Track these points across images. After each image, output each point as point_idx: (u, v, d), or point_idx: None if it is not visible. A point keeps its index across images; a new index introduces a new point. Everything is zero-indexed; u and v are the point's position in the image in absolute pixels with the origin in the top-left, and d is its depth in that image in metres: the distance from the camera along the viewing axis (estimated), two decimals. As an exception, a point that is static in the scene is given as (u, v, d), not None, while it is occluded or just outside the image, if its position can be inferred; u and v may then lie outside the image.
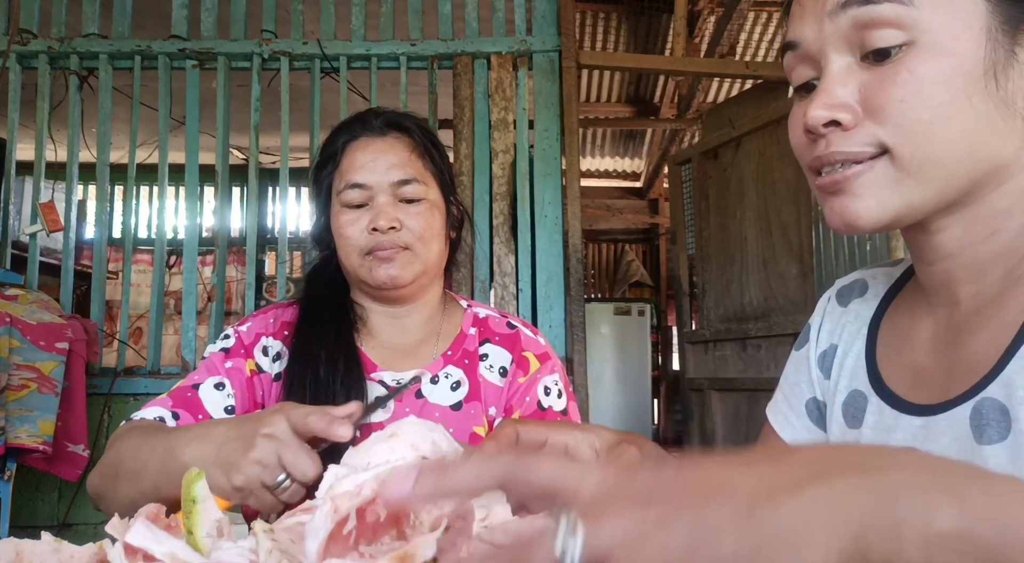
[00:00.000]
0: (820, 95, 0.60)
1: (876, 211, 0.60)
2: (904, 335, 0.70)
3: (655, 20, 5.10)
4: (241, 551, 0.48)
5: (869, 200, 0.60)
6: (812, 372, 0.79)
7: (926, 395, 0.65)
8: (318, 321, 1.15)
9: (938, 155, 0.58)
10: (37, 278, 2.99)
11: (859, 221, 0.60)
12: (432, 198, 1.16)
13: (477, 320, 1.23)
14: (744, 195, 3.72)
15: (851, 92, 0.60)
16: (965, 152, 0.58)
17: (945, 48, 0.56)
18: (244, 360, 1.13)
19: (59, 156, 3.18)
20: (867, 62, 0.59)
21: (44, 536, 0.49)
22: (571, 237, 2.99)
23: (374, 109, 1.23)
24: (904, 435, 0.65)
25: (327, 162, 1.19)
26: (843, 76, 0.60)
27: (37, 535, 0.50)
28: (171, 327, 5.57)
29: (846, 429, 0.72)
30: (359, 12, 3.14)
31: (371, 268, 1.12)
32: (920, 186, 0.59)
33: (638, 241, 8.98)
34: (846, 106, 0.59)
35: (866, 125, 0.59)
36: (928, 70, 0.57)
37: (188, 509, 0.51)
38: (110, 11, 3.12)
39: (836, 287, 0.81)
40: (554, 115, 3.07)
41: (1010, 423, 0.57)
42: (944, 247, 0.64)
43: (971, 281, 0.64)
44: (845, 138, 0.60)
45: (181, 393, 1.08)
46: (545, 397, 1.16)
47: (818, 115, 0.60)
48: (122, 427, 1.04)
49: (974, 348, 0.62)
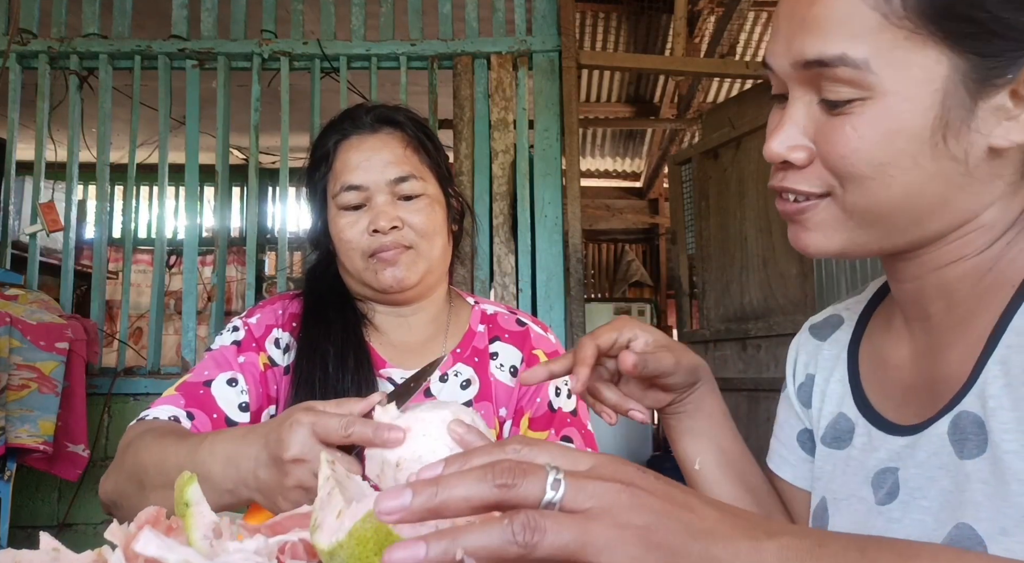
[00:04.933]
0: (779, 131, 0.62)
1: (823, 244, 0.63)
2: (884, 355, 0.71)
3: (655, 20, 5.10)
4: (246, 555, 0.48)
5: (816, 234, 0.63)
6: (795, 407, 0.80)
7: (913, 414, 0.65)
8: (324, 317, 1.11)
9: (879, 208, 0.59)
10: (37, 278, 2.99)
11: (809, 249, 0.64)
12: (431, 192, 1.13)
13: (485, 317, 1.20)
14: (744, 195, 3.72)
15: (807, 131, 0.61)
16: (908, 207, 0.59)
17: (894, 109, 0.57)
18: (257, 354, 1.09)
19: (59, 156, 3.18)
20: (823, 106, 0.60)
21: (43, 540, 0.49)
22: (571, 237, 2.99)
23: (363, 104, 1.18)
24: (886, 454, 0.65)
25: (320, 163, 1.15)
26: (802, 114, 0.61)
27: (37, 535, 0.50)
28: (171, 327, 5.56)
29: (827, 451, 0.73)
30: (359, 12, 3.14)
31: (376, 271, 1.09)
32: (863, 230, 0.61)
33: (638, 241, 8.97)
34: (801, 147, 0.61)
35: (817, 166, 0.61)
36: (872, 130, 0.57)
37: (182, 512, 0.51)
38: (110, 11, 3.11)
39: (808, 324, 0.83)
40: (554, 115, 3.07)
41: (987, 435, 0.57)
42: (911, 271, 0.65)
43: (940, 298, 0.64)
44: (798, 176, 0.62)
45: (192, 390, 1.04)
46: (556, 398, 1.13)
47: (775, 152, 0.62)
48: (134, 427, 0.99)
49: (949, 362, 0.63)
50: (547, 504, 0.40)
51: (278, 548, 0.50)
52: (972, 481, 0.57)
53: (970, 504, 0.57)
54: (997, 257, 0.61)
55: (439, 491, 0.40)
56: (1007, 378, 0.56)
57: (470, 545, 0.38)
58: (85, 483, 2.73)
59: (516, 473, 0.40)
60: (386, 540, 0.43)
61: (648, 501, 0.41)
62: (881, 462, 0.65)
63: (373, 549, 0.43)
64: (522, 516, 0.38)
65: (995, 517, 0.55)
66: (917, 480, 0.62)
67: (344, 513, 0.45)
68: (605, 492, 0.40)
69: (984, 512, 0.56)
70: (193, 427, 1.00)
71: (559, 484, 0.40)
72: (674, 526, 0.40)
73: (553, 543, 0.38)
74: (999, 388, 0.57)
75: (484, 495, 0.40)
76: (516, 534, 0.38)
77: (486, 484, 0.40)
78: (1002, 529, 0.54)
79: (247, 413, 1.05)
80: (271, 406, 1.10)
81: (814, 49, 0.58)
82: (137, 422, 1.01)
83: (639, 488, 0.41)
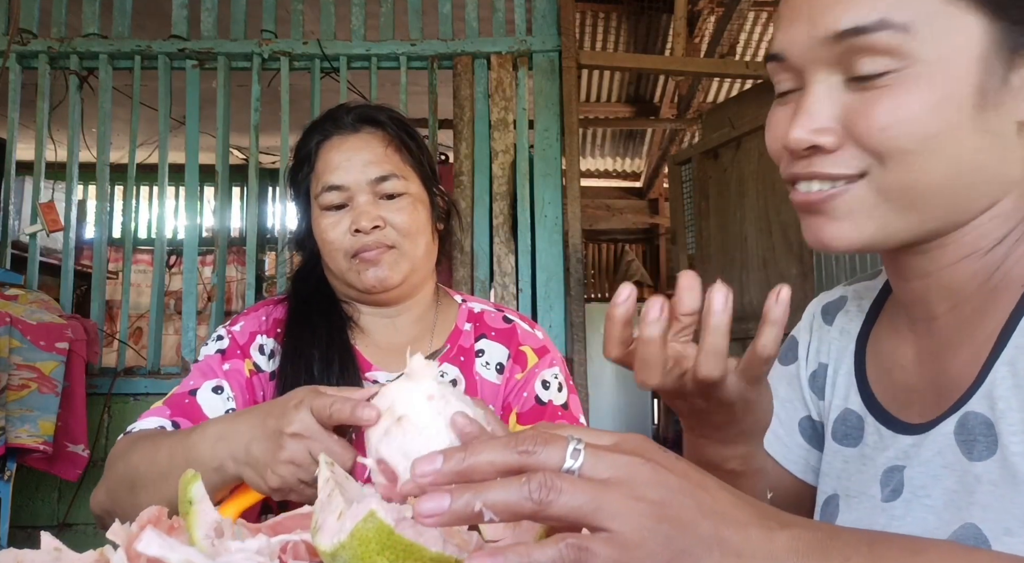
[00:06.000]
0: (802, 116, 0.59)
1: (852, 235, 0.59)
2: (890, 354, 0.70)
3: (655, 20, 5.09)
4: (248, 554, 0.48)
5: (845, 223, 0.59)
6: (804, 392, 0.79)
7: (917, 414, 0.64)
8: (309, 321, 1.11)
9: (920, 186, 0.56)
10: (37, 278, 2.99)
11: (833, 242, 0.60)
12: (414, 191, 1.12)
13: (472, 315, 1.20)
14: (744, 195, 3.72)
15: (833, 113, 0.58)
16: (948, 184, 0.56)
17: (936, 78, 0.54)
18: (242, 361, 1.09)
19: (59, 156, 3.18)
20: (853, 83, 0.57)
21: (44, 540, 0.49)
22: (571, 237, 2.99)
23: (345, 105, 1.18)
24: (894, 453, 0.65)
25: (302, 164, 1.15)
26: (827, 96, 0.58)
27: (37, 535, 0.50)
28: (171, 327, 5.56)
29: (837, 448, 0.72)
30: (359, 12, 3.14)
31: (359, 271, 1.09)
32: (898, 214, 0.58)
33: (638, 241, 8.97)
34: (828, 130, 0.58)
35: (848, 147, 0.58)
36: (915, 100, 0.55)
37: (185, 510, 0.52)
38: (110, 11, 3.11)
39: (821, 303, 0.80)
40: (554, 115, 3.07)
41: (996, 437, 0.56)
42: (920, 267, 0.63)
43: (946, 298, 0.63)
44: (827, 160, 0.59)
45: (178, 400, 1.04)
46: (544, 391, 1.13)
47: (800, 139, 0.58)
48: (121, 442, 0.99)
49: (956, 363, 0.62)
50: (567, 471, 0.41)
51: (280, 548, 0.50)
52: (982, 483, 0.56)
53: (978, 505, 0.56)
54: (1004, 256, 0.60)
55: (467, 457, 0.43)
56: (1015, 379, 0.56)
57: (489, 499, 0.40)
58: (85, 483, 2.73)
59: (538, 441, 0.42)
60: (388, 540, 0.43)
61: (665, 477, 0.42)
62: (889, 460, 0.65)
63: (375, 549, 0.43)
64: (540, 476, 0.40)
65: (1001, 518, 0.55)
66: (921, 479, 0.61)
67: (345, 514, 0.45)
68: (625, 464, 0.42)
69: (992, 513, 0.55)
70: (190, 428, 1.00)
71: (579, 453, 0.42)
72: (688, 503, 0.41)
73: (567, 503, 0.40)
74: (1007, 389, 0.56)
75: (507, 460, 0.42)
76: (532, 491, 0.40)
77: (510, 450, 0.43)
78: (1007, 529, 0.54)
79: None
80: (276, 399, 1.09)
81: (850, 17, 0.55)
82: (124, 437, 1.01)
83: (658, 464, 0.42)
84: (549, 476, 0.40)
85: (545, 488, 0.40)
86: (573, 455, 0.42)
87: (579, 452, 0.42)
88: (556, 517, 0.40)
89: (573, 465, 0.41)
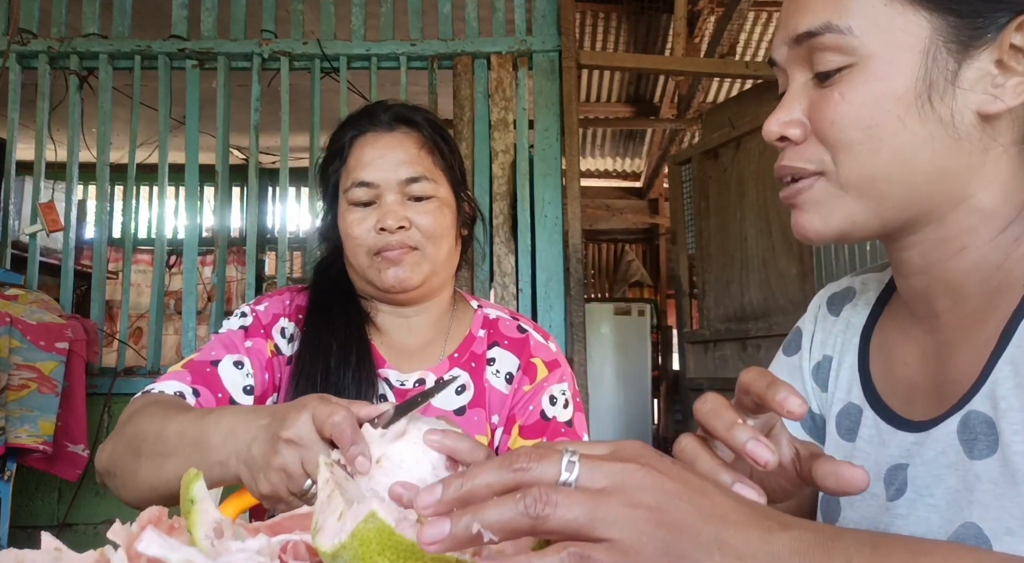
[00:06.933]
0: (777, 110, 0.64)
1: (820, 225, 0.63)
2: (894, 350, 0.70)
3: (655, 20, 5.09)
4: (249, 554, 0.48)
5: (812, 215, 0.63)
6: (807, 383, 0.79)
7: (920, 411, 0.65)
8: (329, 311, 1.11)
9: (870, 174, 0.60)
10: (37, 278, 2.99)
11: (807, 233, 0.64)
12: (442, 195, 1.12)
13: (487, 321, 1.20)
14: (744, 195, 3.72)
15: (803, 109, 0.63)
16: (900, 171, 0.59)
17: (879, 72, 0.59)
18: (264, 341, 1.09)
19: (59, 156, 3.18)
20: (816, 81, 0.62)
21: (45, 540, 0.49)
22: (571, 237, 2.99)
23: (383, 102, 1.18)
24: (897, 450, 0.65)
25: (334, 157, 1.15)
26: (799, 93, 0.64)
27: (37, 535, 0.50)
28: (171, 327, 5.56)
29: (839, 441, 0.72)
30: (359, 12, 3.14)
31: (379, 269, 1.09)
32: (858, 203, 0.61)
33: (638, 241, 8.97)
34: (796, 123, 0.63)
35: (812, 142, 0.62)
36: (858, 93, 0.59)
37: (187, 509, 0.51)
38: (110, 11, 3.11)
39: (827, 293, 0.81)
40: (554, 115, 3.07)
41: (997, 436, 0.57)
42: (914, 263, 0.65)
43: (946, 295, 0.64)
44: (794, 153, 0.64)
45: (199, 367, 1.04)
46: (550, 407, 1.12)
47: (770, 130, 0.64)
48: (137, 400, 0.99)
49: (959, 362, 0.62)
50: (564, 484, 0.42)
51: (280, 548, 0.50)
52: (982, 481, 0.57)
53: (978, 504, 0.57)
54: (1004, 254, 0.61)
55: (464, 482, 0.43)
56: (1017, 378, 0.56)
57: (486, 519, 0.40)
58: (85, 483, 2.73)
59: (532, 457, 0.43)
60: (388, 540, 0.43)
61: (663, 482, 0.41)
62: (892, 458, 0.65)
63: (376, 549, 0.43)
64: (534, 491, 0.40)
65: (1002, 517, 0.55)
66: (924, 478, 0.61)
67: (345, 515, 0.45)
68: (620, 471, 0.42)
69: (992, 512, 0.56)
70: (197, 404, 1.00)
71: (574, 466, 0.42)
72: (686, 508, 0.41)
73: (563, 516, 0.40)
74: (1009, 389, 0.57)
75: (504, 479, 0.43)
76: (528, 507, 0.40)
77: (505, 470, 0.43)
78: (1008, 529, 0.54)
79: (251, 396, 1.05)
80: (274, 394, 1.10)
81: (805, 22, 0.61)
82: (142, 394, 1.00)
83: (655, 469, 0.42)
84: (543, 490, 0.40)
85: (540, 502, 0.40)
86: (568, 468, 0.42)
87: (574, 464, 0.42)
88: (554, 530, 0.40)
89: (569, 477, 0.42)
